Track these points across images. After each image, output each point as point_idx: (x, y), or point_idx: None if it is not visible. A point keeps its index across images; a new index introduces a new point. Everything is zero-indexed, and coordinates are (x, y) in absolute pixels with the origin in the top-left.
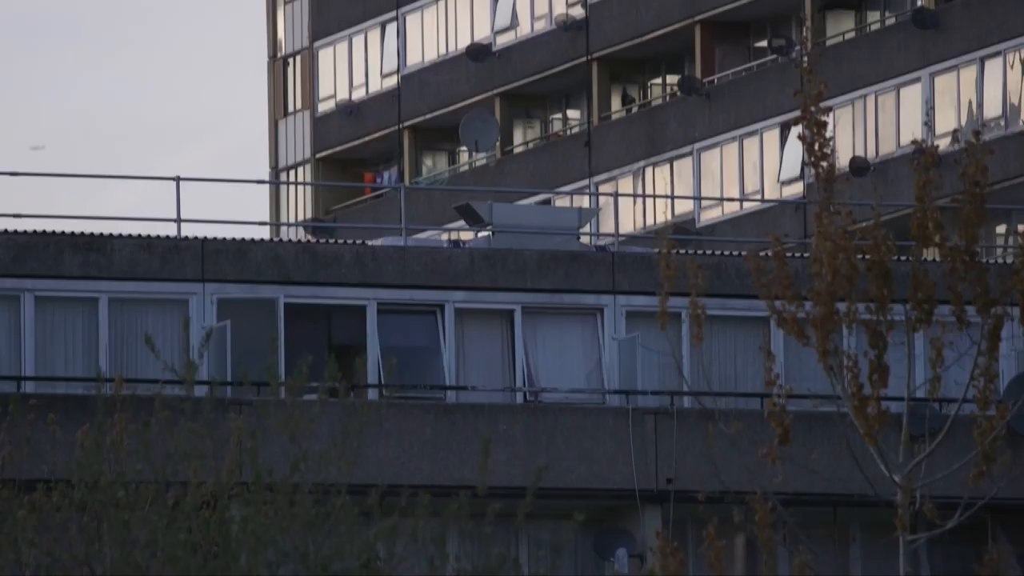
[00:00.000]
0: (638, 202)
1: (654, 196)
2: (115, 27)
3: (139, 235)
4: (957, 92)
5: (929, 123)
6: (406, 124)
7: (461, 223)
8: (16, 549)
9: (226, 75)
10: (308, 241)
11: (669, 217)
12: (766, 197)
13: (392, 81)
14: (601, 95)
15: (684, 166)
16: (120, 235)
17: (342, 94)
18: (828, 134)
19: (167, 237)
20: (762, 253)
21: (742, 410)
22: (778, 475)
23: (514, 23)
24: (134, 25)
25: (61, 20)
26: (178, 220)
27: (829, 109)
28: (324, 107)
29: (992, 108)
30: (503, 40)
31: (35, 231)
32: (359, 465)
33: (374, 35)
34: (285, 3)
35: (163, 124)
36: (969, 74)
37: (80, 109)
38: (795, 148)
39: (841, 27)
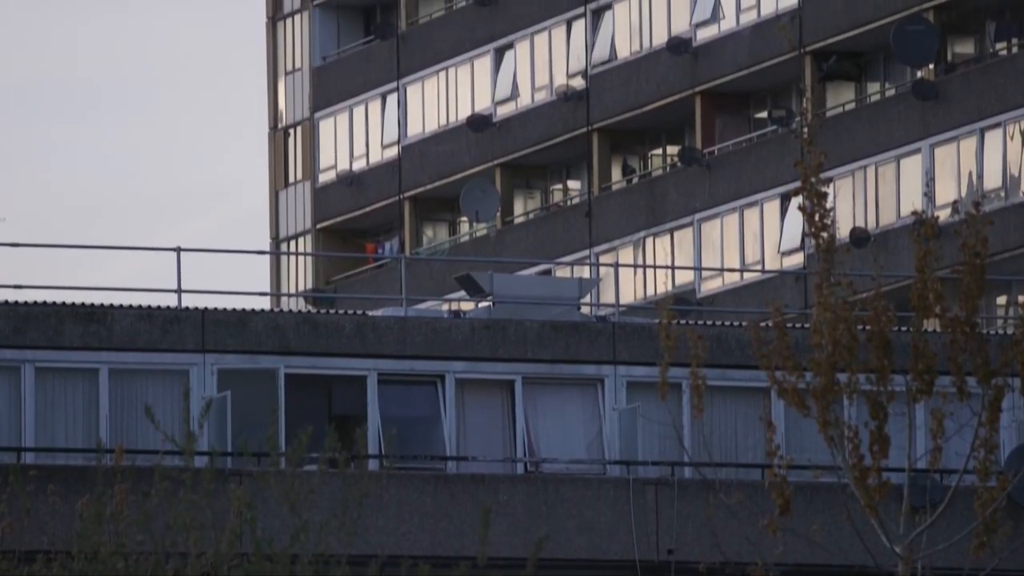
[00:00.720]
0: (639, 272)
1: (655, 266)
2: (116, 97)
3: (139, 305)
4: (957, 163)
5: (929, 194)
6: (407, 194)
7: (461, 293)
8: None
9: (227, 145)
10: (309, 311)
11: (670, 287)
12: (767, 267)
13: (393, 151)
14: (601, 165)
15: (685, 236)
16: (120, 305)
17: (343, 164)
18: (828, 205)
19: (167, 308)
20: (763, 323)
21: (743, 481)
22: (779, 546)
23: (515, 94)
24: (135, 96)
25: (63, 90)
26: (179, 291)
27: (829, 180)
28: (325, 177)
29: (992, 179)
30: (504, 111)
31: (35, 302)
32: (359, 536)
33: (375, 106)
34: (286, 74)
35: (164, 194)
36: (969, 145)
37: (81, 179)
38: (796, 218)
39: (841, 98)
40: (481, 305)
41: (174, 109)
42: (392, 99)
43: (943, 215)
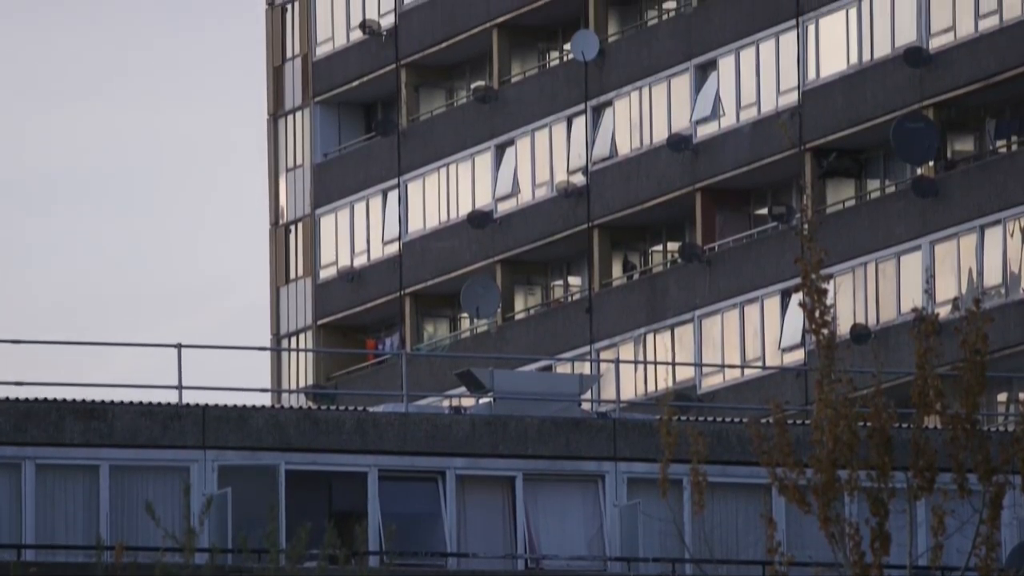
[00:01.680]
0: (639, 369)
1: (655, 363)
2: (118, 192)
3: (140, 402)
4: (957, 260)
5: (929, 291)
6: (408, 290)
7: (462, 390)
8: None
9: (228, 241)
10: (309, 408)
11: (670, 384)
12: (767, 364)
13: (393, 248)
14: (602, 261)
15: (685, 333)
16: (121, 402)
17: (344, 260)
18: (828, 301)
19: (168, 404)
20: (763, 420)
21: None
22: None
23: (515, 190)
24: (137, 190)
25: (65, 183)
26: (179, 387)
27: (830, 276)
28: (326, 274)
29: (992, 276)
30: (504, 207)
31: (36, 398)
32: None
33: (375, 202)
34: (287, 170)
35: (165, 289)
36: (969, 242)
37: (82, 274)
38: (796, 315)
39: (841, 195)
40: (482, 401)
41: (176, 204)
42: (393, 195)
43: (943, 312)
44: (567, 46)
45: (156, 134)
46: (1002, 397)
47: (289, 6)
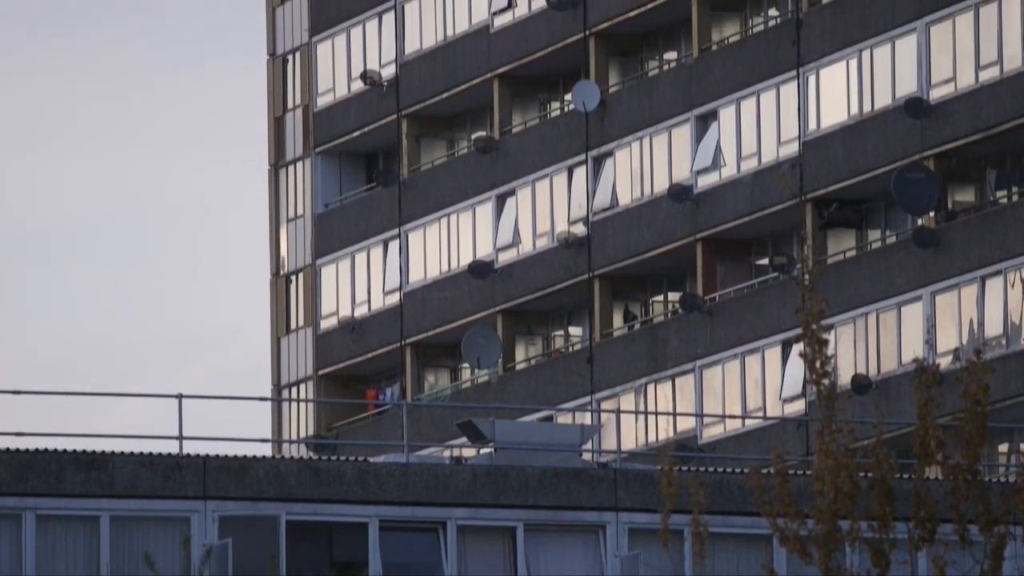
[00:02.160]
0: (640, 419)
1: (656, 413)
2: (118, 242)
3: (141, 452)
4: (958, 311)
5: (930, 341)
6: (408, 341)
7: (463, 440)
8: None
9: (229, 292)
10: (310, 458)
11: (671, 434)
12: (768, 414)
13: (394, 298)
14: (603, 312)
15: (686, 383)
16: (122, 453)
17: (344, 311)
18: (829, 352)
19: (169, 455)
20: (764, 470)
21: None
22: None
23: (516, 240)
24: (138, 241)
25: (64, 235)
26: (180, 438)
27: (830, 327)
28: (326, 324)
29: (993, 327)
30: (505, 257)
31: (36, 449)
32: None
33: (376, 252)
34: (288, 221)
35: (166, 340)
36: (970, 293)
37: (83, 324)
38: (797, 365)
39: (842, 245)
40: (483, 451)
41: (177, 254)
42: (394, 245)
43: (944, 363)
44: (568, 96)
45: (157, 184)
46: (1003, 448)
47: (290, 57)
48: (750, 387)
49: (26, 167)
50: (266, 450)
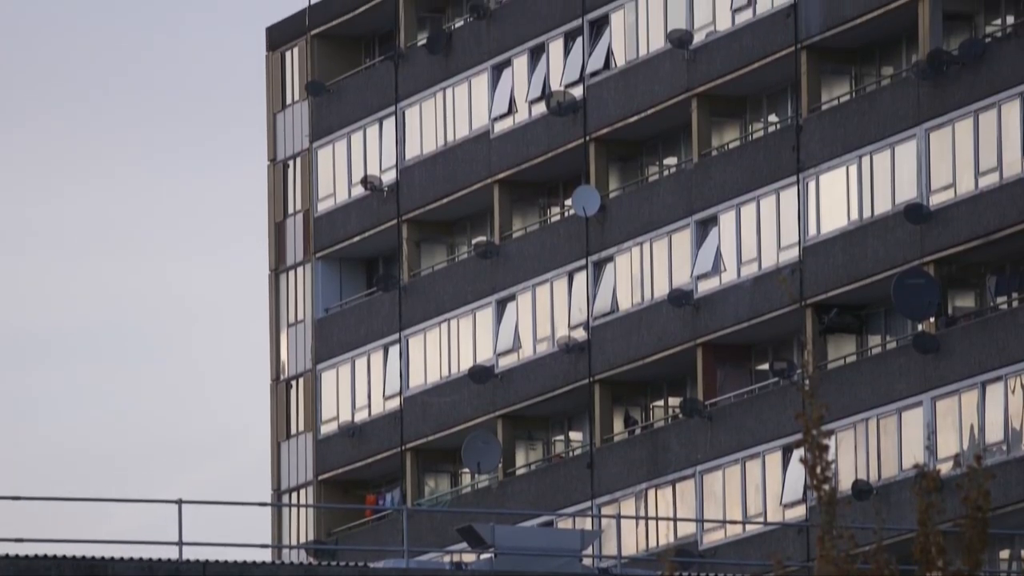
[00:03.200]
0: (641, 524)
1: (656, 518)
2: (118, 346)
3: (141, 558)
4: (959, 416)
5: (931, 447)
6: (408, 445)
7: (463, 545)
8: None
9: (229, 397)
10: (310, 563)
11: (672, 539)
12: (769, 520)
13: (395, 403)
14: (603, 417)
15: (687, 488)
16: (122, 558)
17: (345, 415)
18: (830, 457)
19: (169, 560)
20: None
21: None
22: None
23: (516, 345)
24: (138, 345)
25: (64, 338)
26: (180, 543)
27: (831, 432)
28: (327, 428)
29: (994, 433)
30: (505, 362)
31: (36, 555)
32: None
33: (377, 357)
34: (288, 326)
35: (166, 445)
36: (970, 398)
37: (83, 429)
38: (797, 471)
39: (842, 351)
40: (483, 557)
41: (177, 359)
42: (394, 350)
43: (945, 468)
44: (568, 201)
45: (158, 289)
46: (1004, 554)
47: (291, 162)
48: (751, 492)
49: (27, 269)
50: (266, 555)
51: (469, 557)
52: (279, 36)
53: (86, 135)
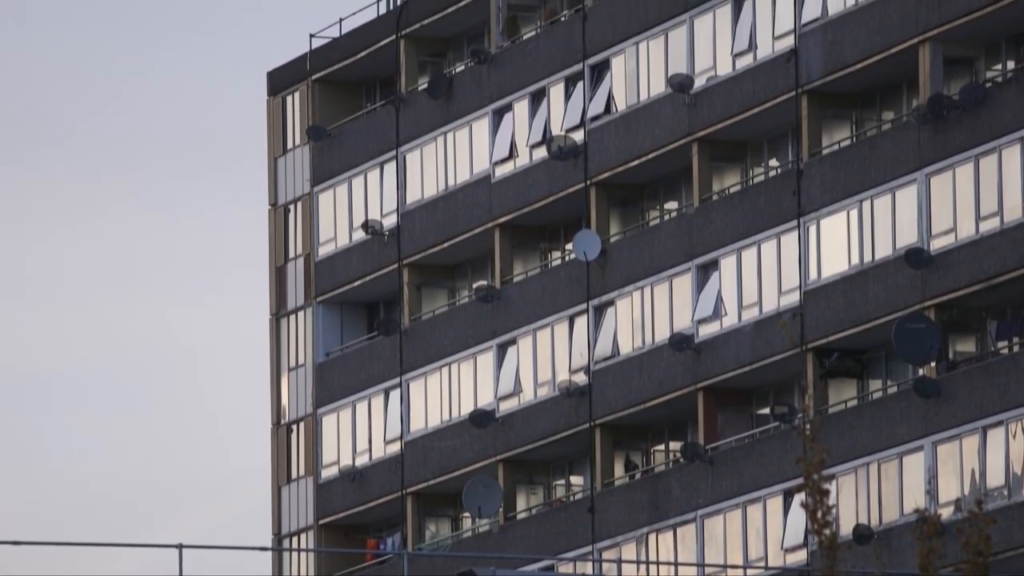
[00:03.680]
0: (642, 568)
1: (658, 563)
2: (118, 390)
3: None
4: (960, 461)
5: (932, 492)
6: (409, 490)
7: None
8: None
9: (230, 441)
10: None
11: None
12: (770, 564)
13: (395, 447)
14: (604, 461)
15: (688, 532)
16: None
17: (345, 460)
18: (831, 502)
19: None
20: None
21: None
22: None
23: (517, 389)
24: (139, 388)
25: (64, 384)
26: None
27: (832, 476)
28: (327, 473)
29: (995, 477)
30: (506, 406)
31: None
32: None
33: (378, 401)
34: (289, 370)
35: (166, 489)
36: (971, 443)
37: (83, 473)
38: (798, 515)
39: (843, 395)
40: None
41: (178, 403)
42: (395, 394)
43: (946, 513)
44: (569, 245)
45: (160, 333)
46: None
47: (292, 206)
48: (752, 536)
49: (27, 312)
50: None
51: None
52: (280, 80)
53: (86, 178)
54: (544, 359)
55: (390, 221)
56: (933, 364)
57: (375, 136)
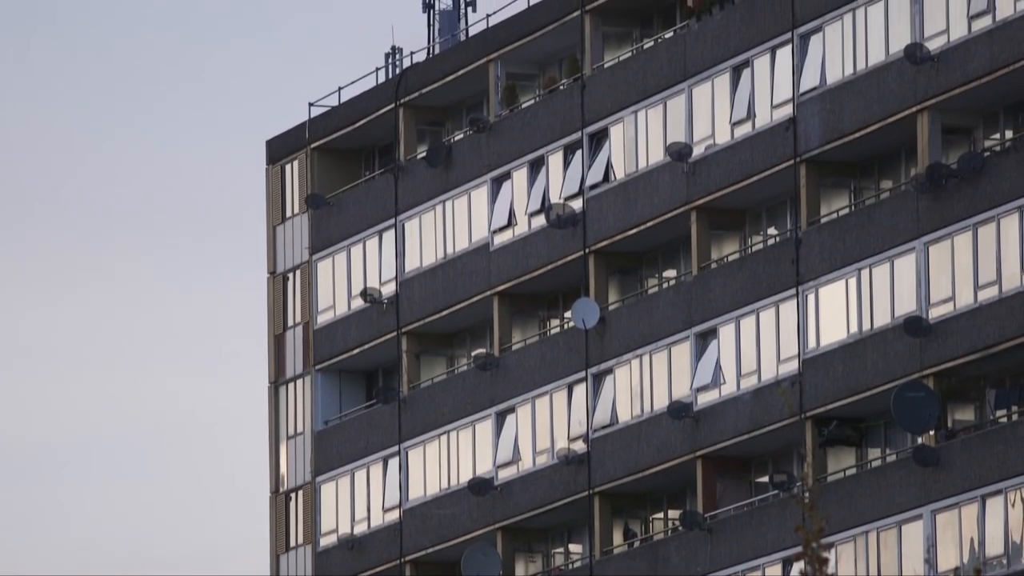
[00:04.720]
0: None
1: None
2: (115, 459)
3: None
4: (959, 529)
5: (931, 560)
6: (408, 558)
7: None
8: None
9: (229, 509)
10: None
11: None
12: None
13: (394, 515)
14: (603, 529)
15: None
16: None
17: (344, 528)
18: (830, 570)
19: None
20: None
21: None
22: None
23: (516, 457)
24: (137, 458)
25: (62, 454)
26: None
27: (831, 545)
28: (326, 541)
29: (994, 546)
30: (505, 474)
31: None
32: None
33: (376, 469)
34: (288, 438)
35: (166, 557)
36: (970, 512)
37: (82, 543)
38: None
39: (842, 463)
40: None
41: (177, 472)
42: (394, 463)
43: None
44: (567, 314)
45: (157, 402)
46: None
47: (291, 275)
48: None
49: (25, 382)
50: None
51: None
52: (279, 149)
53: (86, 247)
54: (543, 427)
55: (389, 289)
56: (932, 433)
57: (374, 204)
